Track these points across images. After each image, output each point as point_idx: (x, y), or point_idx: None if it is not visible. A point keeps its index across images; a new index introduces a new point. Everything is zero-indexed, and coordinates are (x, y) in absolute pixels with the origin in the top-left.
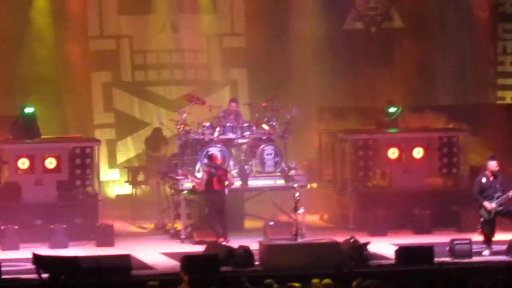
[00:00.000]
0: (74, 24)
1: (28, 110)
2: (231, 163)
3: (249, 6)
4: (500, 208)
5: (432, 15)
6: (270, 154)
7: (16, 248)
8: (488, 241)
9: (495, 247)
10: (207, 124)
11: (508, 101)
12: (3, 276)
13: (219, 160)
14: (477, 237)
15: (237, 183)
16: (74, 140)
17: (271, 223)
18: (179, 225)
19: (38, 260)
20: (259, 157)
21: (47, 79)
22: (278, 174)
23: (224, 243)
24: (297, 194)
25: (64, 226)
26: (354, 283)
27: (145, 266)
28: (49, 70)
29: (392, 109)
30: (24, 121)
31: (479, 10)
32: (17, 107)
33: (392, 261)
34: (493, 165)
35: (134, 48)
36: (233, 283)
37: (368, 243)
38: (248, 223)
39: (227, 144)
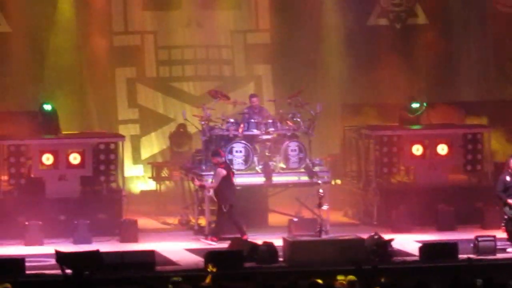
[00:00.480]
0: (99, 19)
1: (47, 107)
2: (255, 159)
3: (273, 2)
4: None
5: (456, 12)
6: (295, 150)
7: (40, 243)
8: None
9: None
10: (232, 120)
11: None
12: (28, 272)
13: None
14: (501, 234)
15: (261, 179)
16: (98, 135)
17: (295, 219)
18: (203, 221)
19: (61, 257)
20: (284, 153)
21: (71, 74)
22: (302, 170)
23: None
24: (321, 190)
25: (88, 221)
26: (382, 279)
27: (169, 262)
28: (74, 65)
29: (415, 105)
30: (43, 118)
31: (503, 7)
32: (41, 101)
33: (416, 258)
34: None
35: (159, 44)
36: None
37: (392, 239)
38: (272, 219)
39: (251, 140)
